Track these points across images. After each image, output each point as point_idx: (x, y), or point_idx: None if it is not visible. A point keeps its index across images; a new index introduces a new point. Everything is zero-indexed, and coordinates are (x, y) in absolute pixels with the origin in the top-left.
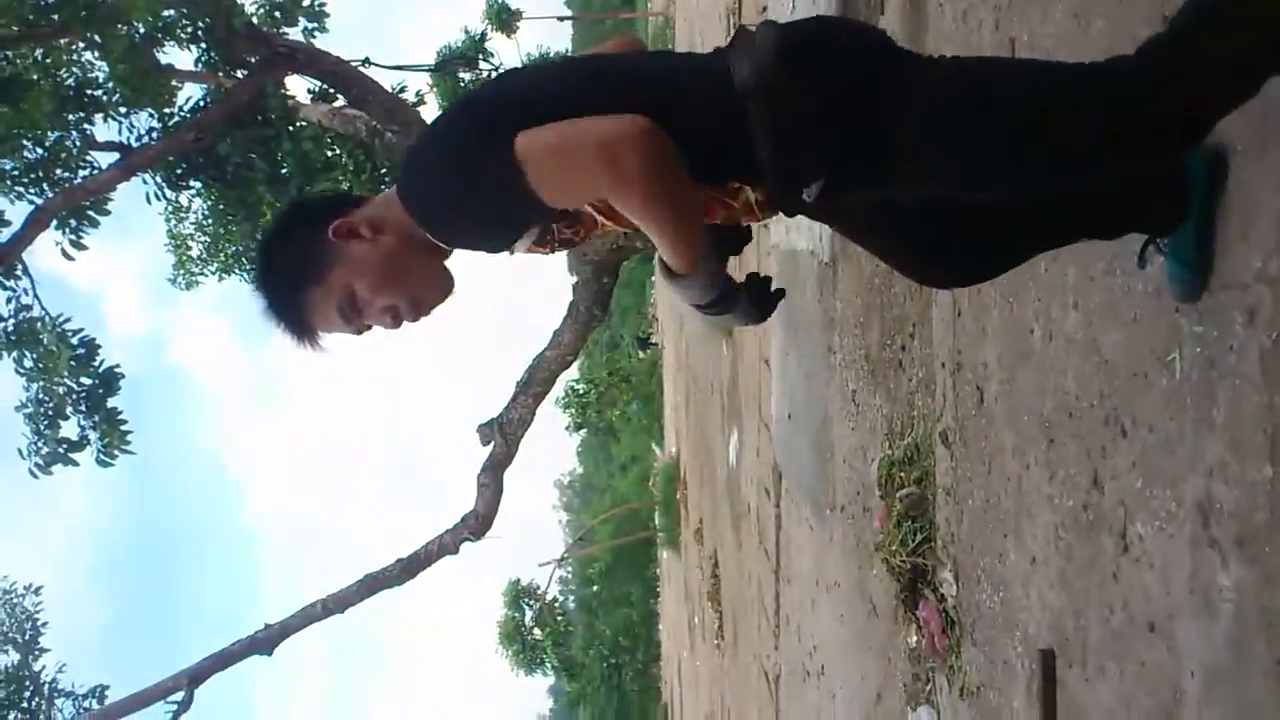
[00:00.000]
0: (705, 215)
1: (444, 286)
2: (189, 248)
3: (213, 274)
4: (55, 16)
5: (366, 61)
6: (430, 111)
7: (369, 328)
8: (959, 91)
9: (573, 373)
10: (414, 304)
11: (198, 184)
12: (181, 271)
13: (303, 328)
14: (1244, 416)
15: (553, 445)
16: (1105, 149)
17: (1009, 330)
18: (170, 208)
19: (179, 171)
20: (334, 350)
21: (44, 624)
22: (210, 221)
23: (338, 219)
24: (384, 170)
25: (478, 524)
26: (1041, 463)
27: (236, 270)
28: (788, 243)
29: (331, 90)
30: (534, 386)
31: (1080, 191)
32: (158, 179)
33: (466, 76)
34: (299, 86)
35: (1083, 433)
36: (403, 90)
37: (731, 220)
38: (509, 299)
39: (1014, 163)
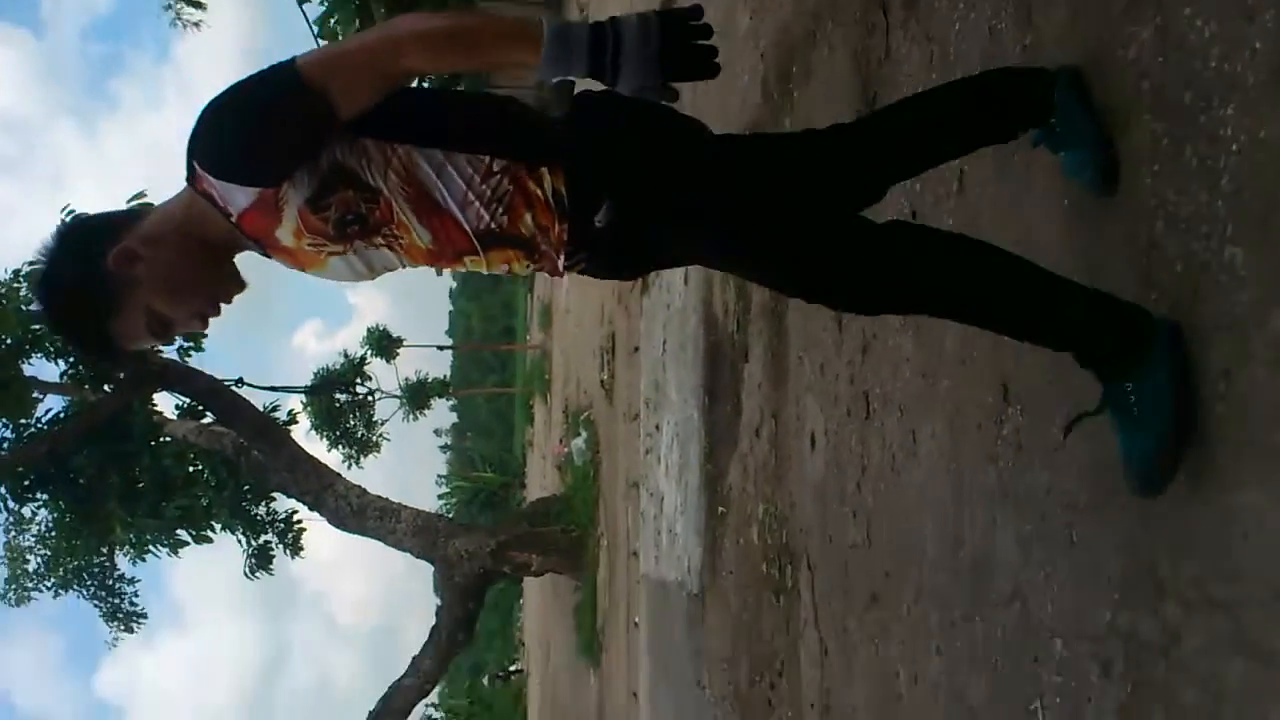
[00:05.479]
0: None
1: (237, 279)
2: (26, 560)
3: (49, 589)
4: None
5: (240, 382)
6: (302, 431)
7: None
8: None
9: (433, 697)
10: (213, 301)
11: (44, 495)
12: (14, 586)
13: (120, 355)
14: None
15: None
16: None
17: (876, 673)
18: (11, 519)
19: (27, 483)
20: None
21: None
22: (54, 534)
23: (113, 247)
24: (247, 487)
25: None
26: None
27: (76, 586)
28: (656, 573)
29: (200, 407)
30: (388, 717)
31: None
32: (2, 489)
33: (342, 398)
34: (167, 402)
35: None
36: (274, 410)
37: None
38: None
39: None
